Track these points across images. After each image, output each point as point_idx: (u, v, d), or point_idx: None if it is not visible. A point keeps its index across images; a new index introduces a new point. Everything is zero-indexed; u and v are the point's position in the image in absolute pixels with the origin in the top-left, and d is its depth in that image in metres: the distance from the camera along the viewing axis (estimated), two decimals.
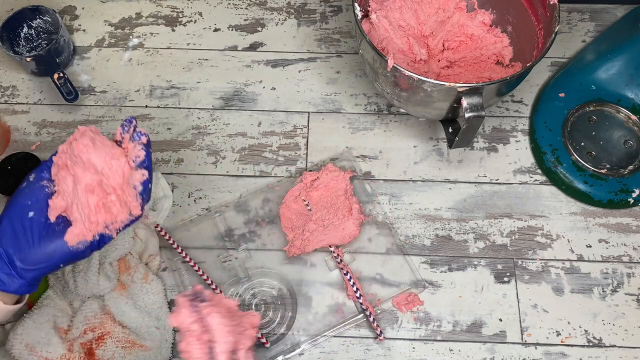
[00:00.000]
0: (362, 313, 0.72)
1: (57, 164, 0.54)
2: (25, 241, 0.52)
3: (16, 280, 0.52)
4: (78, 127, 0.56)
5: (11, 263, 0.52)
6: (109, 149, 0.55)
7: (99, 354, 0.69)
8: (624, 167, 0.80)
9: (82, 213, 0.53)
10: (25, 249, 0.52)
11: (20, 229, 0.52)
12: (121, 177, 0.54)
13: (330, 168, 0.78)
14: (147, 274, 0.72)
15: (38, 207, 0.53)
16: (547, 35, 0.71)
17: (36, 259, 0.52)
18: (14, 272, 0.52)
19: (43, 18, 0.88)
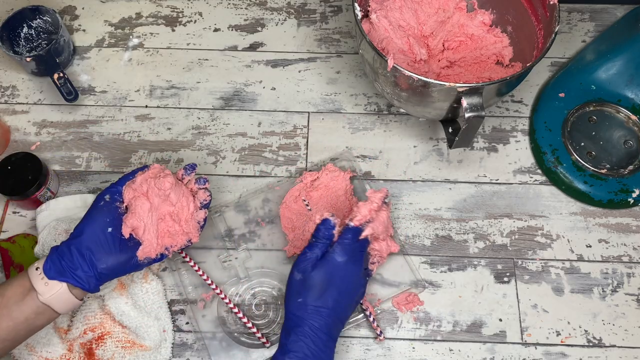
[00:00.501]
0: (362, 313, 0.72)
1: (135, 190, 0.66)
2: (107, 250, 0.62)
3: (93, 280, 0.61)
4: (153, 164, 0.69)
5: (93, 267, 0.61)
6: (182, 189, 0.68)
7: (98, 354, 0.69)
8: (624, 167, 0.80)
9: (152, 235, 0.65)
10: (106, 256, 0.62)
11: (103, 240, 0.62)
12: (189, 213, 0.67)
13: (330, 168, 0.78)
14: (147, 274, 0.72)
15: (114, 224, 0.64)
16: (547, 35, 0.71)
17: (113, 266, 0.62)
18: (93, 274, 0.61)
19: (43, 18, 0.88)
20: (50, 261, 0.61)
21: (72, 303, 0.61)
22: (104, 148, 0.84)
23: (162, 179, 0.66)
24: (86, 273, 0.61)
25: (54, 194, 0.80)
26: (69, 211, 0.77)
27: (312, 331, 0.60)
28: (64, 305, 0.61)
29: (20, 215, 0.80)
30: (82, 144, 0.85)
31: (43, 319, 0.60)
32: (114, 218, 0.64)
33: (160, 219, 0.66)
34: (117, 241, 0.63)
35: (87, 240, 0.62)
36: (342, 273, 0.62)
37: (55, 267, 0.60)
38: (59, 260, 0.61)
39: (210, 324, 0.72)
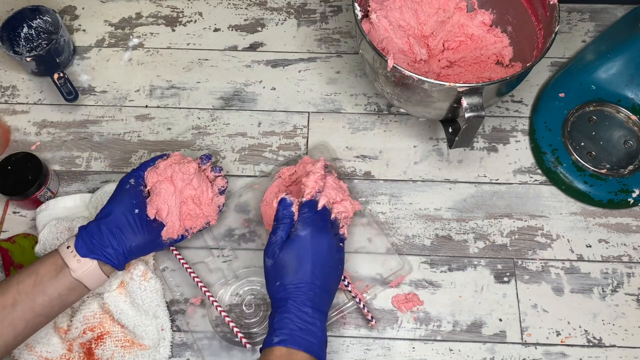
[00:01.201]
0: (352, 301, 0.72)
1: (160, 174, 0.70)
2: (135, 229, 0.66)
3: (122, 258, 0.65)
4: (175, 152, 0.74)
5: (122, 244, 0.65)
6: (202, 175, 0.73)
7: (98, 353, 0.69)
8: (624, 167, 0.80)
9: (175, 217, 0.70)
10: (134, 235, 0.66)
11: (131, 220, 0.66)
12: (209, 197, 0.72)
13: (307, 160, 0.78)
14: (146, 272, 0.72)
15: (140, 206, 0.68)
16: (547, 35, 0.71)
17: (140, 244, 0.66)
18: (122, 251, 0.65)
19: (43, 18, 0.88)
20: (81, 239, 0.64)
21: (101, 278, 0.65)
22: (104, 148, 0.84)
23: (187, 164, 0.71)
24: (116, 250, 0.64)
25: (54, 194, 0.80)
26: (68, 211, 0.77)
27: (295, 307, 0.61)
28: (95, 281, 0.64)
29: (20, 215, 0.80)
30: (82, 144, 0.85)
31: (75, 294, 0.64)
32: (139, 201, 0.68)
33: (183, 202, 0.70)
34: (143, 222, 0.67)
35: (116, 220, 0.66)
36: (310, 245, 0.63)
37: (86, 245, 0.63)
38: (89, 238, 0.64)
39: (209, 324, 0.72)
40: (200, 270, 0.75)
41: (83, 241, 0.64)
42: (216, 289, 0.74)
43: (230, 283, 0.74)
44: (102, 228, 0.65)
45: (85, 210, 0.78)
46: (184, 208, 0.71)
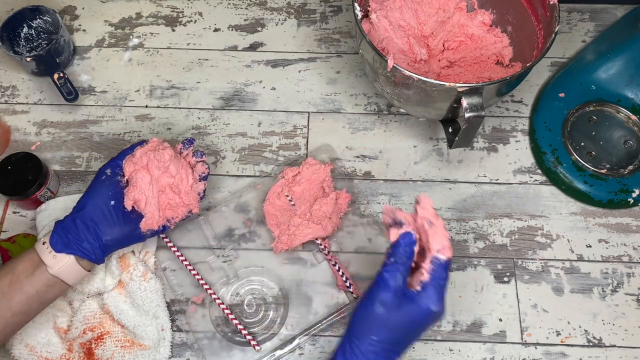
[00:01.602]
0: (353, 301, 0.72)
1: (136, 163, 0.67)
2: (110, 222, 0.64)
3: (99, 252, 0.64)
4: (153, 139, 0.70)
5: (98, 238, 0.63)
6: (181, 161, 0.70)
7: (98, 353, 0.69)
8: (624, 167, 0.80)
9: (153, 208, 0.67)
10: (111, 228, 0.64)
11: (107, 212, 0.64)
12: (188, 185, 0.69)
13: (311, 162, 0.78)
14: (146, 272, 0.72)
15: (116, 197, 0.66)
16: (547, 35, 0.71)
17: (117, 237, 0.65)
18: (99, 245, 0.63)
19: (43, 18, 0.88)
20: (57, 235, 0.63)
21: (80, 274, 0.63)
22: (104, 148, 0.84)
23: (161, 151, 0.68)
24: (92, 244, 0.63)
25: (54, 194, 0.80)
26: (68, 211, 0.77)
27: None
28: (73, 276, 0.63)
29: (20, 215, 0.80)
30: (82, 144, 0.85)
31: (54, 291, 0.62)
32: (115, 191, 0.66)
33: (161, 191, 0.68)
34: (120, 213, 0.65)
35: (90, 213, 0.64)
36: (430, 321, 0.54)
37: (61, 240, 0.62)
38: (64, 233, 0.63)
39: (209, 324, 0.72)
40: (202, 270, 0.75)
41: (58, 236, 0.62)
42: (217, 288, 0.74)
43: (231, 282, 0.74)
44: (77, 222, 0.63)
45: None
46: (163, 197, 0.68)
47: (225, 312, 0.71)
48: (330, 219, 0.75)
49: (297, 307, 0.73)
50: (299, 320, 0.73)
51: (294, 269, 0.75)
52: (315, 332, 0.71)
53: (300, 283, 0.75)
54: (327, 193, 0.76)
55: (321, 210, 0.75)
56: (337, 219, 0.76)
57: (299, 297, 0.74)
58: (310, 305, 0.73)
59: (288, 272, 0.75)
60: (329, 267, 0.75)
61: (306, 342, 0.71)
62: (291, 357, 0.71)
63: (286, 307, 0.73)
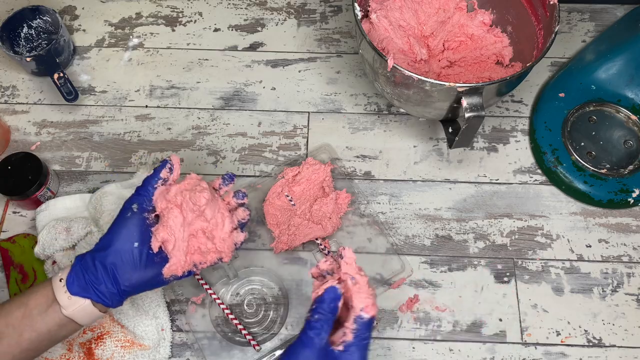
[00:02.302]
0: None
1: (169, 201, 0.61)
2: (132, 266, 0.59)
3: (116, 297, 0.59)
4: (191, 174, 0.63)
5: (117, 283, 0.59)
6: (219, 204, 0.63)
7: (98, 353, 0.69)
8: (624, 167, 0.80)
9: (180, 252, 0.61)
10: (131, 273, 0.59)
11: (129, 255, 0.59)
12: (224, 232, 0.62)
13: (310, 162, 0.78)
14: None
15: (142, 238, 0.60)
16: (547, 35, 0.71)
17: (136, 282, 0.60)
18: (117, 291, 0.59)
19: (43, 18, 0.88)
20: (74, 274, 0.58)
21: (95, 315, 0.60)
22: (104, 148, 0.84)
23: (198, 193, 0.61)
24: (109, 290, 0.59)
25: (54, 194, 0.80)
26: (68, 211, 0.77)
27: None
28: (87, 318, 0.59)
29: (20, 215, 0.80)
30: (82, 144, 0.85)
31: (65, 331, 0.59)
32: (141, 231, 0.60)
33: (192, 235, 0.61)
34: (143, 256, 0.60)
35: (112, 255, 0.59)
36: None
37: (78, 281, 0.58)
38: (82, 273, 0.58)
39: (209, 324, 0.72)
40: (202, 270, 0.75)
41: (76, 276, 0.58)
42: (217, 288, 0.74)
43: (231, 282, 0.74)
44: (96, 263, 0.58)
45: (85, 211, 0.77)
46: (194, 242, 0.62)
47: (225, 312, 0.71)
48: (330, 219, 0.75)
49: (297, 307, 0.73)
50: (299, 320, 0.72)
51: (294, 269, 0.75)
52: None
53: (300, 283, 0.75)
54: (327, 193, 0.76)
55: (321, 210, 0.75)
56: (337, 219, 0.76)
57: (299, 297, 0.74)
58: (310, 305, 0.73)
59: (288, 272, 0.75)
60: None
61: None
62: None
63: (286, 307, 0.73)
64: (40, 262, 0.74)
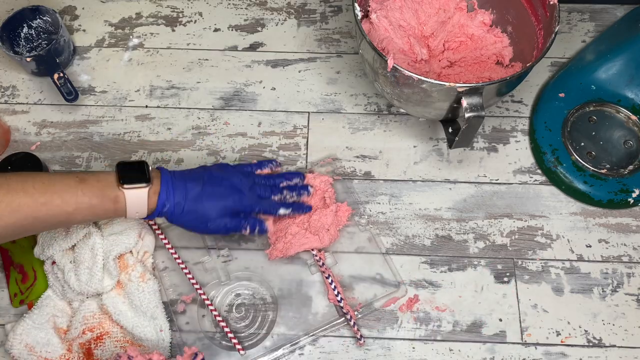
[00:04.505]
0: (342, 317, 0.71)
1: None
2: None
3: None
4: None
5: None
6: None
7: (97, 353, 0.69)
8: (624, 167, 0.80)
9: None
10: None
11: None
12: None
13: (314, 175, 0.78)
14: (144, 274, 0.72)
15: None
16: (547, 35, 0.71)
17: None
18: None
19: (43, 18, 0.88)
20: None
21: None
22: (104, 148, 0.84)
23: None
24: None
25: None
26: None
27: None
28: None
29: None
30: (82, 144, 0.85)
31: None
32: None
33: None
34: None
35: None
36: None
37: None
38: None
39: (209, 324, 0.72)
40: (195, 271, 0.75)
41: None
42: (208, 289, 0.74)
43: (223, 285, 0.74)
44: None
45: None
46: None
47: (214, 313, 0.71)
48: (329, 230, 0.74)
49: (287, 315, 0.73)
50: (288, 328, 0.72)
51: (288, 274, 0.75)
52: (301, 343, 0.71)
53: (292, 290, 0.74)
54: (328, 204, 0.76)
55: (320, 221, 0.74)
56: (336, 232, 0.75)
57: (290, 303, 0.73)
58: (301, 312, 0.73)
59: (281, 277, 0.75)
60: (322, 278, 0.74)
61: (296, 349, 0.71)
62: (291, 357, 0.71)
63: (275, 314, 0.72)
64: (40, 262, 0.74)
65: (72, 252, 0.71)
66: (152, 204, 0.65)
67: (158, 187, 0.65)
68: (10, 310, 0.74)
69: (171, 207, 0.65)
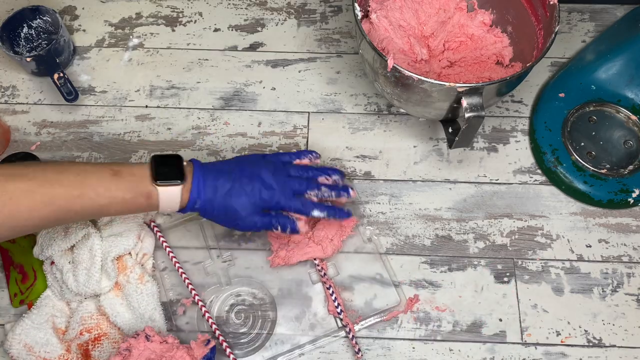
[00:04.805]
0: (342, 330, 0.71)
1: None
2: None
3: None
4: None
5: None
6: None
7: (95, 355, 0.69)
8: (624, 167, 0.80)
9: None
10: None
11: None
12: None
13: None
14: (143, 275, 0.72)
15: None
16: (547, 35, 0.71)
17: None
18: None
19: (43, 18, 0.88)
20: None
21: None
22: (104, 148, 0.84)
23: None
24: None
25: None
26: None
27: None
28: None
29: None
30: (82, 144, 0.85)
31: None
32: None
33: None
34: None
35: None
36: None
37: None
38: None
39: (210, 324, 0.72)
40: (195, 273, 0.75)
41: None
42: (209, 293, 0.73)
43: (223, 290, 0.74)
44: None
45: None
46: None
47: (210, 321, 0.71)
48: (332, 240, 0.73)
49: (286, 319, 0.72)
50: (288, 335, 0.72)
51: (288, 280, 0.75)
52: (301, 344, 0.71)
53: (301, 283, 0.74)
54: None
55: (324, 231, 0.73)
56: (339, 242, 0.74)
57: (289, 309, 0.73)
58: (300, 320, 0.73)
59: (281, 283, 0.75)
60: (323, 289, 0.74)
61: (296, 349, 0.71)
62: (291, 356, 0.71)
63: (274, 323, 0.72)
64: (40, 262, 0.74)
65: (71, 253, 0.71)
66: (184, 200, 0.64)
67: (190, 184, 0.64)
68: (10, 310, 0.74)
69: (202, 204, 0.65)
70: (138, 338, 0.66)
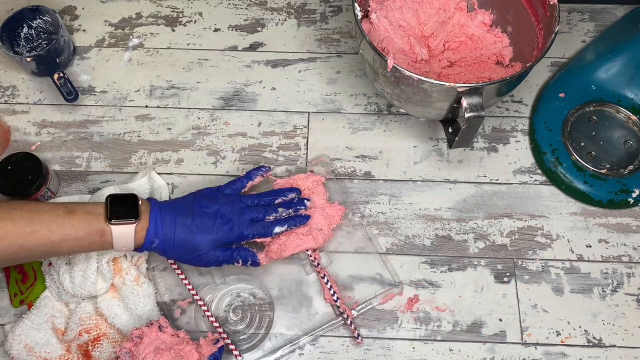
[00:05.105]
0: (339, 316, 0.71)
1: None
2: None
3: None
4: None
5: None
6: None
7: (95, 355, 0.69)
8: (624, 167, 0.80)
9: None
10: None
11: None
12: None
13: (306, 175, 0.77)
14: (139, 277, 0.72)
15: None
16: (547, 35, 0.71)
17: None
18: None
19: (43, 18, 0.88)
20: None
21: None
22: (104, 148, 0.84)
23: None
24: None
25: (54, 194, 0.80)
26: None
27: None
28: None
29: None
30: (82, 144, 0.85)
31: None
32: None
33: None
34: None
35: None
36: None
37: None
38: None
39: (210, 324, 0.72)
40: (190, 273, 0.74)
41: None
42: (204, 293, 0.73)
43: (219, 289, 0.74)
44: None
45: None
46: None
47: (210, 319, 0.71)
48: (322, 230, 0.73)
49: (285, 314, 0.73)
50: (285, 330, 0.72)
51: (286, 273, 0.75)
52: (300, 343, 0.71)
53: (300, 283, 0.74)
54: (321, 205, 0.75)
55: (312, 222, 0.74)
56: (329, 231, 0.74)
57: (287, 304, 0.73)
58: (298, 312, 0.73)
59: (280, 277, 0.75)
60: (318, 279, 0.74)
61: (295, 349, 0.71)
62: (291, 357, 0.71)
63: (271, 320, 0.72)
64: (39, 262, 0.74)
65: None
66: (139, 239, 0.64)
67: (146, 222, 0.64)
68: (10, 310, 0.74)
69: (160, 243, 0.65)
70: (151, 327, 0.67)
